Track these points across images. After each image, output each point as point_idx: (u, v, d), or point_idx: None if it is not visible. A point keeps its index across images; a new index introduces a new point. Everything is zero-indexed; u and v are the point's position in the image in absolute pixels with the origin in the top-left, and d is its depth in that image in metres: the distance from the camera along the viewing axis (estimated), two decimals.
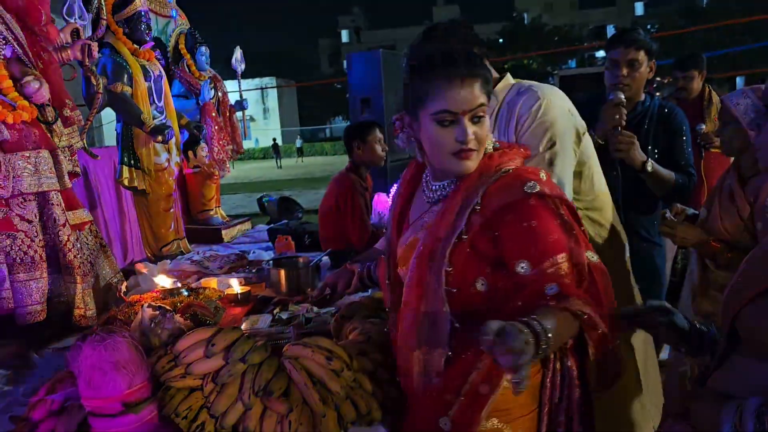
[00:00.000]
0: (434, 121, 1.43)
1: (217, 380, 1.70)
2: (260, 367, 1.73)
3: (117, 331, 1.38)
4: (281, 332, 2.34)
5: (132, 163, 3.89)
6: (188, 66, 5.06)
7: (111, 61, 3.75)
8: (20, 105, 2.49)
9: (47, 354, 2.51)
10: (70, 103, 2.85)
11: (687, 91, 4.25)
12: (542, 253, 1.35)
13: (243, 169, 23.20)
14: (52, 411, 1.65)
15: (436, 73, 1.41)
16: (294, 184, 16.18)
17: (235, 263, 3.63)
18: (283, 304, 2.69)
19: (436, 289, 1.42)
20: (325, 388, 1.70)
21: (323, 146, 37.15)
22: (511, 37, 38.55)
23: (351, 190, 3.47)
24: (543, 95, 1.92)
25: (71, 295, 2.67)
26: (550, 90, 1.97)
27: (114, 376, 1.30)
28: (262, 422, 1.67)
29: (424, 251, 1.49)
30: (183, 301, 2.39)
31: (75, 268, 2.64)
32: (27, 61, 2.62)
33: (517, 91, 1.97)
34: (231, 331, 1.80)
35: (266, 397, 1.67)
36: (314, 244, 4.06)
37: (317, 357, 1.73)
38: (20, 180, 2.46)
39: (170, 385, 1.75)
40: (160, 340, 1.92)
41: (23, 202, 2.49)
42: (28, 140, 2.52)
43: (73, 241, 2.67)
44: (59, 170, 2.64)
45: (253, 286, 2.99)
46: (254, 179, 19.37)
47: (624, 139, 2.53)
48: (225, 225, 5.11)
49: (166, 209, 4.07)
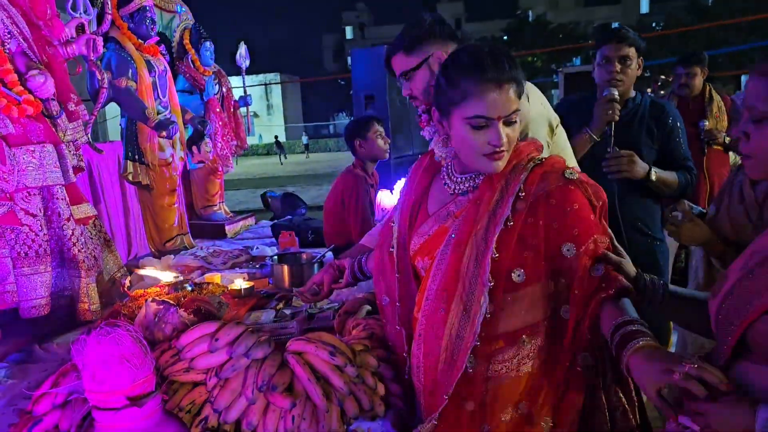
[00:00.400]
0: (468, 124, 1.44)
1: (221, 375, 1.71)
2: (264, 362, 1.74)
3: (121, 324, 1.38)
4: (284, 327, 2.34)
5: (136, 158, 3.90)
6: (192, 61, 5.06)
7: (116, 55, 3.76)
8: (25, 99, 2.49)
9: (51, 348, 2.52)
10: (74, 97, 2.85)
11: (689, 88, 4.26)
12: (585, 233, 1.42)
13: (246, 165, 23.22)
14: (56, 404, 1.66)
15: (471, 76, 1.41)
16: (297, 181, 16.18)
17: (239, 259, 3.63)
18: (286, 300, 2.69)
19: (477, 276, 1.43)
20: (328, 384, 1.70)
21: (327, 143, 37.15)
22: (515, 35, 38.46)
23: (356, 187, 3.47)
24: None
25: (75, 289, 2.67)
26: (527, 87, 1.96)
27: (118, 369, 1.31)
28: (266, 417, 1.67)
29: (461, 239, 1.50)
30: (187, 296, 2.39)
31: (79, 263, 2.65)
32: (32, 55, 2.62)
33: None
34: (235, 326, 1.81)
35: (269, 392, 1.67)
36: (318, 240, 4.06)
37: (321, 352, 1.73)
38: (25, 174, 2.47)
39: (174, 380, 1.76)
40: (164, 335, 1.93)
41: (27, 196, 2.49)
42: (32, 134, 2.52)
43: (78, 235, 2.68)
44: (64, 164, 2.65)
45: (256, 281, 2.99)
46: (257, 175, 19.37)
47: (623, 161, 2.52)
48: (228, 221, 5.12)
49: (170, 204, 4.08)
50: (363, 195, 3.46)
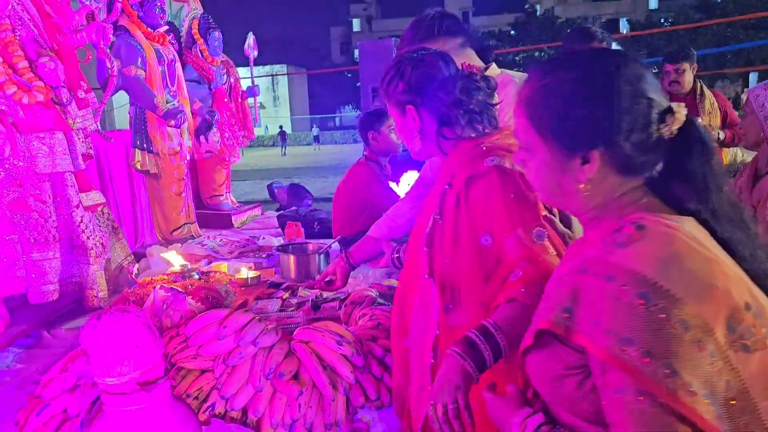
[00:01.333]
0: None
1: (228, 362, 1.72)
2: (271, 350, 1.75)
3: (132, 310, 1.39)
4: (290, 317, 2.35)
5: (145, 147, 3.91)
6: (201, 51, 5.05)
7: (125, 44, 3.76)
8: (35, 86, 2.50)
9: (59, 333, 2.54)
10: (84, 85, 2.86)
11: (680, 85, 4.17)
12: (503, 227, 1.31)
13: (252, 156, 23.18)
14: (65, 389, 1.68)
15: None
16: (303, 173, 16.17)
17: (245, 248, 3.65)
18: (292, 290, 2.71)
19: (422, 272, 1.42)
20: (334, 373, 1.72)
21: (333, 135, 37.09)
22: (523, 29, 38.25)
23: (368, 179, 3.46)
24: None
25: (83, 276, 2.69)
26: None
27: (129, 354, 1.32)
28: (272, 405, 1.69)
29: (415, 233, 1.51)
30: (194, 284, 2.41)
31: (88, 250, 2.67)
32: (42, 42, 2.63)
33: (501, 80, 1.92)
34: (243, 313, 1.82)
35: (277, 379, 1.68)
36: (323, 232, 4.06)
37: (328, 341, 1.74)
38: (35, 161, 2.48)
39: (181, 366, 1.77)
40: (172, 322, 1.94)
41: (37, 182, 2.51)
42: (42, 121, 2.53)
43: (86, 222, 2.69)
44: (73, 152, 2.66)
45: (263, 271, 3.01)
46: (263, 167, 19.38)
47: None
48: (235, 210, 5.13)
49: (177, 193, 4.09)
50: (375, 188, 3.44)
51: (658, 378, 0.76)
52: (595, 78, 0.91)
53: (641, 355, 0.77)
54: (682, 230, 0.85)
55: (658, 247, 0.83)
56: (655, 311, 0.77)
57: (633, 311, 0.78)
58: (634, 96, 0.88)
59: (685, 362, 0.76)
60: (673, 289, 0.78)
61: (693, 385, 0.75)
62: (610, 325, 0.80)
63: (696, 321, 0.77)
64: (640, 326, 0.77)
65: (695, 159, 0.90)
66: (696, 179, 0.91)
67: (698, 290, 0.79)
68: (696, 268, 0.81)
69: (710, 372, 0.76)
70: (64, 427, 1.58)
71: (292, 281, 2.82)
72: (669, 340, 0.76)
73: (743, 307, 0.80)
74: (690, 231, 0.85)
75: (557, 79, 0.94)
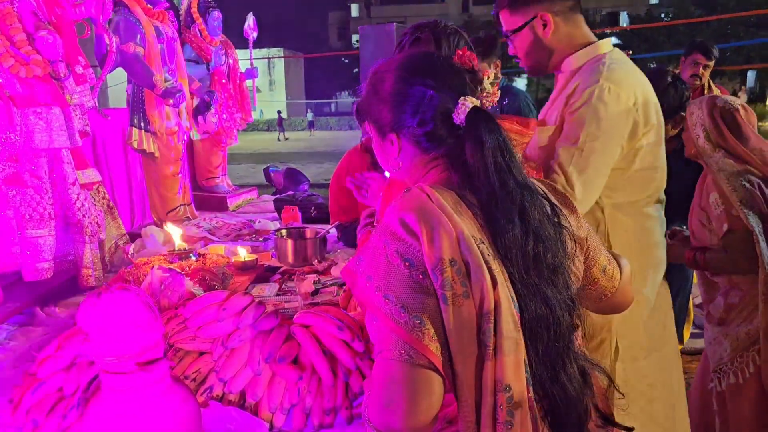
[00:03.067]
0: None
1: (227, 344, 1.70)
2: (270, 334, 1.73)
3: (132, 288, 1.36)
4: (288, 302, 2.34)
5: (142, 126, 3.85)
6: (200, 31, 4.99)
7: (124, 20, 3.69)
8: (33, 59, 2.45)
9: (53, 311, 2.51)
10: (82, 60, 2.81)
11: (699, 79, 4.11)
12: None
13: (247, 140, 23.05)
14: (61, 367, 1.65)
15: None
16: (298, 158, 16.12)
17: (242, 232, 3.62)
18: (289, 275, 2.69)
19: None
20: (334, 358, 1.70)
21: (329, 121, 36.92)
22: None
23: (363, 168, 3.43)
24: (605, 79, 1.63)
25: (78, 254, 2.66)
26: (619, 76, 1.66)
27: (128, 333, 1.29)
28: (271, 389, 1.67)
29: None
30: (192, 265, 2.38)
31: (83, 228, 2.63)
32: (41, 15, 2.58)
33: (592, 63, 1.72)
34: (242, 296, 1.80)
35: (276, 363, 1.66)
36: (320, 217, 4.04)
37: (328, 326, 1.72)
38: (31, 136, 2.44)
39: (179, 348, 1.75)
40: (170, 302, 1.92)
41: (34, 158, 2.47)
42: (40, 96, 2.49)
43: (82, 200, 2.66)
44: (70, 128, 2.62)
45: (259, 254, 2.98)
46: (258, 150, 19.29)
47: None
48: (231, 193, 5.09)
49: (174, 173, 4.04)
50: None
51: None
52: (383, 77, 1.19)
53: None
54: (433, 195, 1.02)
55: (406, 203, 1.03)
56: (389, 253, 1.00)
57: (376, 252, 1.01)
58: (405, 93, 1.12)
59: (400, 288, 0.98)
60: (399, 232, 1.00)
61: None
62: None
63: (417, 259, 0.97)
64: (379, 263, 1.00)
65: (469, 150, 1.06)
66: (467, 168, 1.06)
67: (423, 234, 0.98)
68: (423, 218, 0.98)
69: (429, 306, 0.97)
70: (59, 406, 1.56)
71: (290, 266, 2.80)
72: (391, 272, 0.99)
73: (449, 261, 0.96)
74: (439, 198, 1.01)
75: (370, 78, 1.26)
